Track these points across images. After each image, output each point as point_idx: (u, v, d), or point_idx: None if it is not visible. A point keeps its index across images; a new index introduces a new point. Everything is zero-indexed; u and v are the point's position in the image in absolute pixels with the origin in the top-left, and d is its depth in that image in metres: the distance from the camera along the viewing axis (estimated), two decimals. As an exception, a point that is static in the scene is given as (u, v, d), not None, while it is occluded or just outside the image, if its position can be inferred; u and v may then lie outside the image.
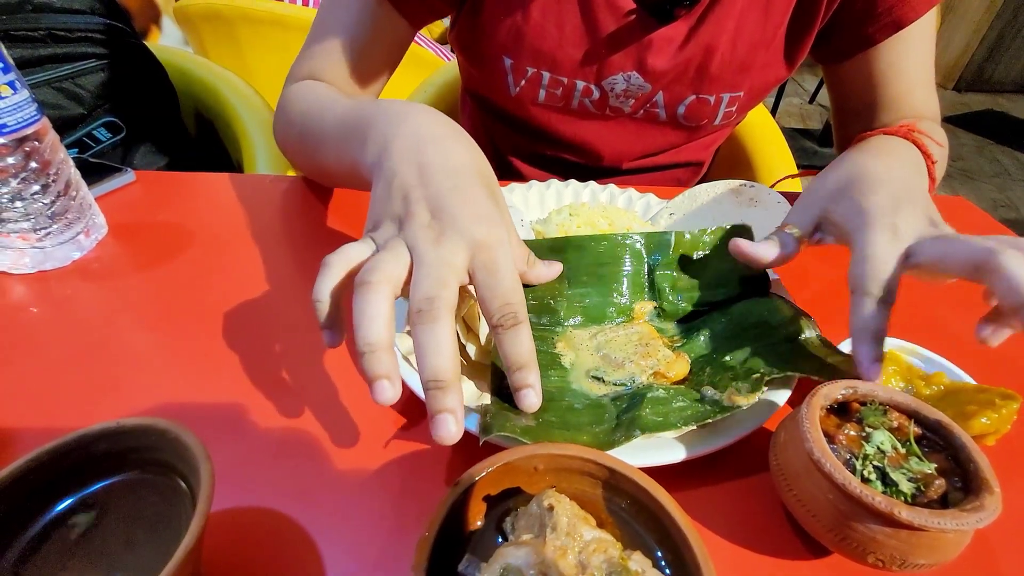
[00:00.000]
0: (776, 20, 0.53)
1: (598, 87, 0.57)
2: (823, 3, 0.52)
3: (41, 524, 0.24)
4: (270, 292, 0.45)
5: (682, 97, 0.58)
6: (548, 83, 0.57)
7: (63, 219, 0.45)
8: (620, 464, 0.26)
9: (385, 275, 0.27)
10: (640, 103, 0.59)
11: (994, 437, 0.32)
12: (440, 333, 0.26)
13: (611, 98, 0.58)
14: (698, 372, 0.36)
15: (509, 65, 0.56)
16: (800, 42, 0.55)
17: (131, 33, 0.78)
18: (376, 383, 0.26)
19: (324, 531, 0.29)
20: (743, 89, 0.58)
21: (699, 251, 0.42)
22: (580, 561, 0.22)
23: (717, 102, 0.58)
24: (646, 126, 0.62)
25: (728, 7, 0.52)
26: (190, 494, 0.25)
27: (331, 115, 0.45)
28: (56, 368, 0.37)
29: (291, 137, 0.53)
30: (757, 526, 0.30)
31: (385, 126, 0.36)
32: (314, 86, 0.52)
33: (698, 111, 0.59)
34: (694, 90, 0.57)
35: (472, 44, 0.57)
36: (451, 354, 0.26)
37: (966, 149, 2.87)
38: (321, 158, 0.47)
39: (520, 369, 0.29)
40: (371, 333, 0.26)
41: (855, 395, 0.29)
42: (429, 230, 0.29)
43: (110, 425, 0.25)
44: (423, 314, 0.27)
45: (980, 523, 0.23)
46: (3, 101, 0.39)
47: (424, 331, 0.26)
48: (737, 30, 0.53)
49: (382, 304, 0.27)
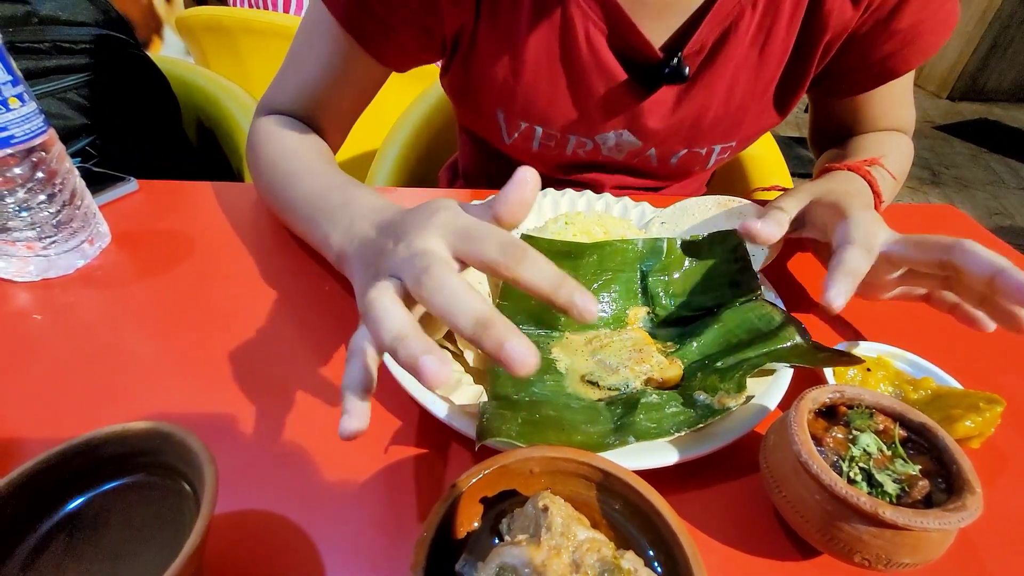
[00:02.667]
0: (768, 76, 0.53)
1: (591, 140, 0.57)
2: (814, 61, 0.52)
3: (48, 525, 0.25)
4: (271, 299, 0.46)
5: (674, 151, 0.58)
6: (542, 136, 0.57)
7: (68, 228, 0.46)
8: (614, 467, 0.27)
9: (382, 289, 0.26)
10: (632, 155, 0.60)
11: (979, 440, 0.33)
12: (446, 282, 0.25)
13: (603, 150, 0.59)
14: (691, 377, 0.37)
15: (502, 117, 0.56)
16: (792, 93, 0.56)
17: (134, 44, 0.79)
18: (422, 361, 0.23)
19: (324, 533, 0.29)
20: (735, 139, 0.58)
21: (690, 258, 0.43)
22: (574, 560, 0.23)
23: (709, 152, 0.59)
24: (639, 171, 0.63)
25: (720, 70, 0.52)
26: (194, 496, 0.25)
27: (297, 190, 0.45)
28: (61, 375, 0.38)
29: (258, 181, 0.53)
30: (748, 527, 0.30)
31: (336, 233, 0.37)
32: (281, 134, 0.51)
33: (690, 161, 0.60)
34: (686, 145, 0.58)
35: (464, 94, 0.57)
36: (471, 294, 0.24)
37: (960, 157, 2.89)
38: (288, 221, 0.48)
39: (560, 287, 0.25)
40: (392, 324, 0.24)
41: (842, 399, 0.30)
42: (399, 248, 0.28)
43: (116, 429, 0.26)
44: (421, 281, 0.25)
45: (962, 522, 0.24)
46: (11, 113, 0.40)
47: (431, 289, 0.25)
48: (729, 90, 0.53)
49: (392, 302, 0.25)
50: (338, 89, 0.54)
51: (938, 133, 3.14)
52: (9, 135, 0.41)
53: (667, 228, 0.51)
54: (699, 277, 0.43)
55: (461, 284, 0.25)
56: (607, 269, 0.43)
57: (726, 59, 0.51)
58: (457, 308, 0.24)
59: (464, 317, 0.24)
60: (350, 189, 0.41)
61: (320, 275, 0.48)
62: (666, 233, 0.51)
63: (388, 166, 0.85)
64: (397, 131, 0.87)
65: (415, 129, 0.88)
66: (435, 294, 0.25)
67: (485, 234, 0.27)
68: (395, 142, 0.87)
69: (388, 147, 0.86)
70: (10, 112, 0.40)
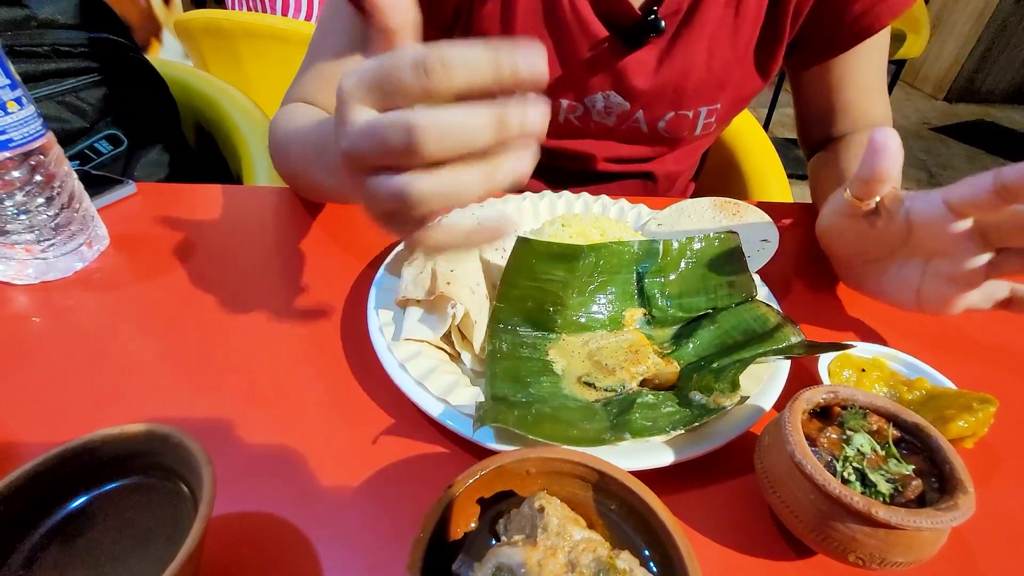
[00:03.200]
0: (746, 38, 0.56)
1: (581, 104, 0.60)
2: (787, 21, 0.55)
3: (47, 526, 0.25)
4: (268, 302, 0.46)
5: (662, 114, 0.61)
6: None
7: (66, 231, 0.46)
8: (610, 467, 0.27)
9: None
10: (622, 119, 0.62)
11: (972, 440, 0.33)
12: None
13: (593, 114, 0.61)
14: (687, 378, 0.37)
15: None
16: (771, 56, 0.59)
17: (133, 47, 0.79)
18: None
19: (321, 534, 0.29)
20: (720, 102, 0.61)
21: (687, 259, 0.43)
22: (570, 560, 0.23)
23: (696, 115, 0.61)
24: (630, 138, 0.64)
25: (698, 31, 0.55)
26: (192, 498, 0.25)
27: (307, 133, 0.47)
28: (59, 377, 0.38)
29: (281, 159, 0.55)
30: (743, 527, 0.31)
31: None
32: (296, 108, 0.54)
33: (678, 125, 0.62)
34: (673, 107, 0.60)
35: None
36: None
37: (957, 159, 2.90)
38: (306, 174, 0.50)
39: (499, 65, 0.23)
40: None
41: (836, 399, 0.30)
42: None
43: (114, 431, 0.26)
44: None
45: (954, 522, 0.24)
46: (10, 116, 0.40)
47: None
48: (709, 51, 0.56)
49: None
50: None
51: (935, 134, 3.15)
52: (7, 139, 0.41)
53: (663, 230, 0.51)
54: (695, 279, 0.43)
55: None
56: (604, 271, 0.43)
57: (703, 21, 0.54)
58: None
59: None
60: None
61: (318, 278, 0.49)
62: (662, 235, 0.51)
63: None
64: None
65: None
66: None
67: (392, 67, 0.23)
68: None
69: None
70: (8, 116, 0.40)
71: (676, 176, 0.71)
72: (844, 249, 0.45)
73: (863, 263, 0.44)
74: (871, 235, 0.41)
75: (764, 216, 0.51)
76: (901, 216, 0.39)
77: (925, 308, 0.41)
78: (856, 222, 0.42)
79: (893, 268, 0.42)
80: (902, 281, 0.42)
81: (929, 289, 0.40)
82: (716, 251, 0.43)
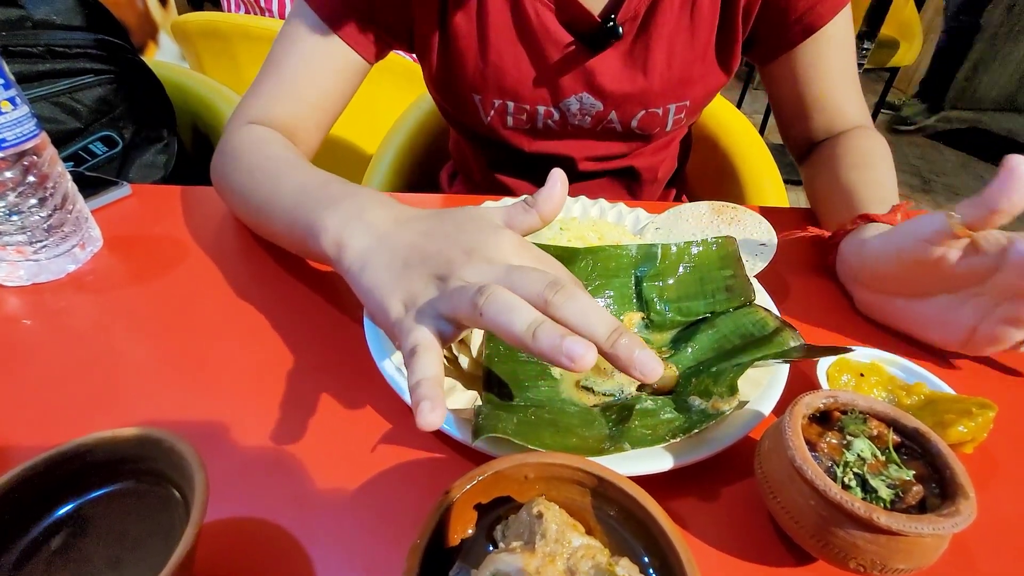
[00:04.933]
0: (703, 37, 0.60)
1: (557, 109, 0.63)
2: (739, 20, 0.59)
3: (36, 532, 0.24)
4: (263, 305, 0.45)
5: (633, 112, 0.64)
6: (513, 110, 0.63)
7: (59, 232, 0.46)
8: (609, 473, 0.26)
9: (495, 288, 0.27)
10: (597, 120, 0.64)
11: (972, 445, 0.33)
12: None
13: (570, 117, 0.64)
14: (685, 383, 0.37)
15: (479, 100, 0.63)
16: (729, 52, 0.61)
17: (129, 49, 0.79)
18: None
19: (317, 540, 0.29)
20: (688, 99, 0.64)
21: (685, 263, 0.43)
22: (568, 567, 0.23)
23: (665, 112, 0.64)
24: (606, 137, 0.67)
25: (656, 33, 0.58)
26: (184, 503, 0.25)
27: (288, 181, 0.45)
28: (50, 380, 0.38)
29: (233, 187, 0.51)
30: (743, 533, 0.30)
31: (350, 219, 0.36)
32: (269, 138, 0.52)
33: (649, 122, 0.65)
34: (642, 105, 0.63)
35: (447, 86, 0.64)
36: (532, 310, 0.27)
37: (950, 165, 2.93)
38: (265, 222, 0.47)
39: (618, 337, 0.26)
40: (527, 313, 0.26)
41: (836, 404, 0.30)
42: (477, 263, 0.31)
43: (105, 435, 0.25)
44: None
45: (956, 527, 0.24)
46: (3, 116, 0.40)
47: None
48: (669, 51, 0.59)
49: (512, 295, 0.27)
50: (318, 86, 0.58)
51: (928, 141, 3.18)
52: (1, 138, 0.40)
53: (661, 234, 0.51)
54: (693, 283, 0.43)
55: (519, 299, 0.27)
56: (601, 274, 0.43)
57: (659, 24, 0.58)
58: (515, 315, 0.26)
59: (521, 322, 0.26)
60: (351, 184, 0.41)
61: (312, 281, 0.48)
62: (660, 239, 0.51)
63: (383, 171, 0.85)
64: (392, 137, 0.88)
65: (409, 135, 0.88)
66: (494, 307, 0.27)
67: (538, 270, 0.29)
68: (390, 148, 0.87)
69: (383, 153, 0.86)
70: (2, 116, 0.40)
71: (656, 168, 0.74)
72: (899, 276, 0.42)
73: (910, 295, 0.43)
74: (944, 266, 0.39)
75: (762, 220, 0.51)
76: (993, 253, 0.37)
77: (970, 348, 0.40)
78: (936, 250, 0.38)
79: (946, 304, 0.41)
80: (954, 318, 0.40)
81: (987, 330, 0.39)
82: (714, 255, 0.43)
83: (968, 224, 0.36)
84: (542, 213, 0.34)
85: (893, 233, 0.42)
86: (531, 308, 0.27)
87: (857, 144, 0.60)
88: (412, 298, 0.31)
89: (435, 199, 0.66)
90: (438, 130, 0.91)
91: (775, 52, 0.63)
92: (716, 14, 0.59)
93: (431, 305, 0.30)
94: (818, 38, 0.60)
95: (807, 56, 0.61)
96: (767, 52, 0.63)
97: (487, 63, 0.59)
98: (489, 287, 0.27)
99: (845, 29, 0.61)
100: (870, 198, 0.51)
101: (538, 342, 0.25)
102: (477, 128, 0.67)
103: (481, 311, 0.27)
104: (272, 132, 0.54)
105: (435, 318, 0.29)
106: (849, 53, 0.62)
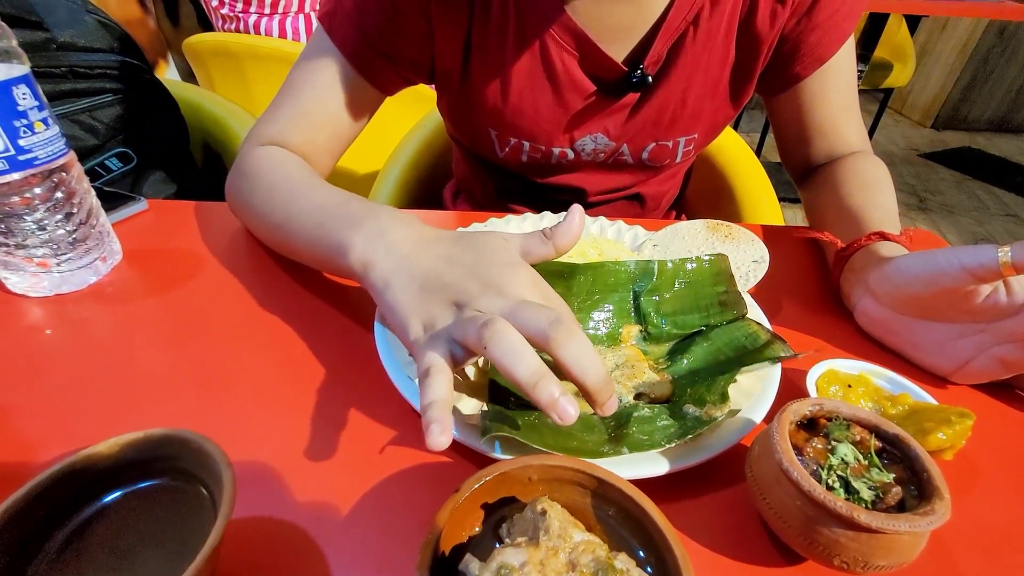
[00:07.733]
0: (716, 74, 0.61)
1: (571, 149, 0.65)
2: (761, 56, 0.60)
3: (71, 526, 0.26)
4: (277, 314, 0.47)
5: (644, 145, 0.65)
6: (529, 149, 0.65)
7: (83, 246, 0.48)
8: (608, 475, 0.28)
9: (502, 326, 0.30)
10: (609, 155, 0.66)
11: (952, 452, 0.35)
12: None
13: (583, 155, 0.66)
14: (681, 392, 0.38)
15: (495, 135, 0.64)
16: (741, 89, 0.63)
17: (146, 69, 0.82)
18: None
19: (331, 538, 0.31)
20: (697, 132, 0.65)
21: (680, 279, 0.45)
22: (570, 560, 0.25)
23: (675, 145, 0.66)
24: (616, 169, 0.69)
25: (675, 74, 0.59)
26: (211, 500, 0.27)
27: (308, 200, 0.46)
28: (73, 387, 0.39)
29: (251, 206, 0.53)
30: (735, 533, 0.32)
31: (376, 234, 0.39)
32: (286, 159, 0.53)
33: (660, 154, 0.66)
34: (654, 139, 0.64)
35: (462, 117, 0.65)
36: (533, 353, 0.29)
37: (945, 184, 2.97)
38: (283, 240, 0.49)
39: (602, 388, 0.31)
40: (531, 362, 0.29)
41: (822, 411, 0.32)
42: (497, 297, 0.33)
43: (138, 435, 0.27)
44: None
45: (931, 525, 0.26)
46: (37, 136, 0.42)
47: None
48: (685, 89, 0.60)
49: (520, 340, 0.29)
50: (333, 114, 0.58)
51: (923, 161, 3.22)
52: (33, 156, 0.43)
53: (659, 251, 0.53)
54: (688, 297, 0.45)
55: (524, 342, 0.29)
56: (601, 289, 0.45)
57: (680, 66, 0.59)
58: (520, 361, 0.29)
59: (525, 370, 0.29)
60: (370, 202, 0.43)
61: (324, 292, 0.50)
62: (658, 255, 0.53)
63: (389, 188, 0.88)
64: (398, 155, 0.90)
65: (415, 153, 0.91)
66: (499, 347, 0.29)
67: (546, 309, 0.31)
68: (396, 165, 0.89)
69: (389, 170, 0.89)
70: (36, 135, 0.42)
71: (661, 196, 0.76)
72: (921, 296, 0.42)
73: (918, 315, 0.43)
74: (970, 298, 0.39)
75: (755, 238, 0.54)
76: (1019, 296, 0.38)
77: (958, 377, 0.42)
78: (971, 284, 0.39)
79: (947, 332, 0.42)
80: (952, 348, 0.42)
81: (980, 365, 0.41)
82: (708, 272, 0.45)
83: (1015, 265, 0.36)
84: (558, 246, 0.37)
85: (935, 254, 0.41)
86: (535, 355, 0.29)
87: (862, 168, 0.62)
88: (431, 321, 0.33)
89: (440, 216, 0.67)
90: (443, 148, 0.93)
91: (785, 85, 0.64)
92: (731, 52, 0.60)
93: (446, 330, 0.32)
94: (825, 68, 0.61)
95: (813, 85, 0.62)
96: (777, 85, 0.64)
97: (507, 104, 0.60)
98: (494, 322, 0.29)
99: (848, 57, 0.62)
100: (879, 220, 0.52)
101: (537, 393, 0.28)
102: (490, 158, 0.68)
103: (485, 345, 0.29)
104: (288, 153, 0.55)
105: (448, 342, 0.31)
106: (851, 80, 0.64)
